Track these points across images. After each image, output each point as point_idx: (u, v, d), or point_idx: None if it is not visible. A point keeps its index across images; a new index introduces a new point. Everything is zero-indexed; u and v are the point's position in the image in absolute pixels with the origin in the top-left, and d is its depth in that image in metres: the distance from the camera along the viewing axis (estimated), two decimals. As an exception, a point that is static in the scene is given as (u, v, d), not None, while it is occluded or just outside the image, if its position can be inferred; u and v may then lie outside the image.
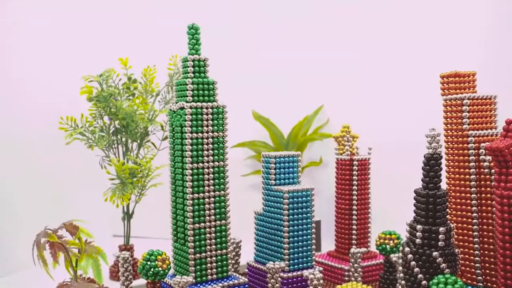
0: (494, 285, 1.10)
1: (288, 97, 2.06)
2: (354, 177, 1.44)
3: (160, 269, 1.12)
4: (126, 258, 1.21)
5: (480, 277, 1.13)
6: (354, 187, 1.44)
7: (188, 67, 1.20)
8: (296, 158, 1.35)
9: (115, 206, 1.50)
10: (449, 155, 1.17)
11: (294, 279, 1.25)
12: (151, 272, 1.11)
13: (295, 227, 1.27)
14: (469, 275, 1.15)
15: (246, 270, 1.40)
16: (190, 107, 1.16)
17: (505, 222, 0.95)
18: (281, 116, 2.01)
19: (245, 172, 2.03)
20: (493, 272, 1.12)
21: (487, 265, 1.13)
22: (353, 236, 1.45)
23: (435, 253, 1.02)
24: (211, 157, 1.19)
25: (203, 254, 1.18)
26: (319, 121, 2.04)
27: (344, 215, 1.46)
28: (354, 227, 1.45)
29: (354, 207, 1.44)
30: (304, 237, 1.29)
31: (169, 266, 1.14)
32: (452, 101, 1.17)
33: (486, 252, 1.13)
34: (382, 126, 1.93)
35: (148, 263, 1.12)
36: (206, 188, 1.18)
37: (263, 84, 2.08)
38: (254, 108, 2.03)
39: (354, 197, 1.44)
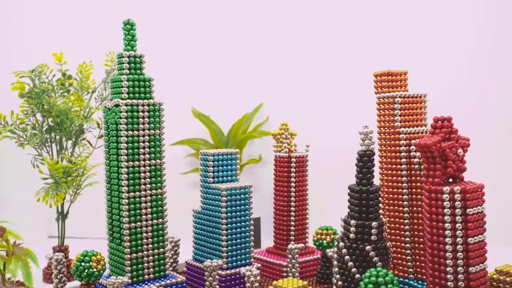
0: (424, 277, 1.15)
1: (228, 95, 2.06)
2: (292, 174, 1.46)
3: (94, 270, 1.09)
4: (59, 259, 1.17)
5: (411, 269, 1.18)
6: (292, 184, 1.46)
7: (124, 63, 1.17)
8: (234, 155, 1.35)
9: (49, 206, 1.45)
10: (382, 152, 1.21)
11: (232, 277, 1.26)
12: (85, 273, 1.09)
13: (233, 225, 1.27)
14: (400, 267, 1.19)
15: (185, 269, 1.39)
16: (126, 104, 1.14)
17: (433, 216, 0.99)
18: (221, 114, 2.01)
19: (184, 170, 2.02)
20: (423, 264, 1.16)
21: (417, 257, 1.17)
22: (291, 232, 1.46)
23: (368, 247, 1.04)
24: (147, 155, 1.17)
25: (140, 253, 1.16)
26: (259, 119, 2.05)
27: (283, 212, 1.47)
28: (292, 223, 1.46)
29: (292, 203, 1.46)
30: (242, 234, 1.29)
31: (104, 267, 1.12)
32: (384, 99, 1.21)
33: (417, 245, 1.17)
34: (319, 124, 1.97)
35: (82, 264, 1.09)
36: (143, 186, 1.16)
37: (203, 82, 2.07)
38: (193, 106, 2.01)
39: (292, 193, 1.46)
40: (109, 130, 1.18)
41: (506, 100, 1.86)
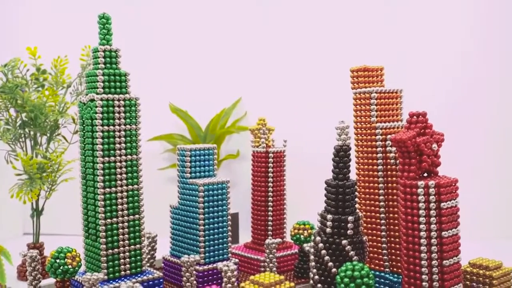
0: (399, 270, 1.16)
1: (206, 90, 2.05)
2: (270, 169, 1.46)
3: (69, 266, 1.08)
4: (34, 256, 1.16)
5: (387, 263, 1.19)
6: (270, 179, 1.46)
7: (99, 57, 1.16)
8: (211, 151, 1.34)
9: (22, 203, 1.43)
10: (358, 147, 1.22)
11: (210, 272, 1.26)
12: (59, 270, 1.07)
13: (211, 220, 1.27)
14: (376, 261, 1.20)
15: (162, 265, 1.38)
16: (101, 99, 1.13)
17: (408, 210, 1.00)
18: (199, 109, 2.00)
19: (162, 166, 2.00)
20: (398, 258, 1.17)
21: (393, 251, 1.18)
22: (269, 227, 1.47)
23: (344, 241, 1.05)
24: (123, 151, 1.16)
25: (116, 249, 1.15)
26: (237, 114, 2.05)
27: (260, 207, 1.47)
28: (270, 218, 1.47)
29: (270, 198, 1.46)
30: (220, 229, 1.29)
31: (79, 264, 1.11)
32: (361, 94, 1.21)
33: (393, 239, 1.18)
34: (297, 119, 1.97)
35: (57, 261, 1.08)
36: (119, 182, 1.15)
37: (181, 77, 2.06)
38: (171, 101, 2.00)
39: (270, 189, 1.46)
40: (84, 125, 1.17)
41: (480, 96, 1.89)
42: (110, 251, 1.14)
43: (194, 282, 1.17)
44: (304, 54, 2.01)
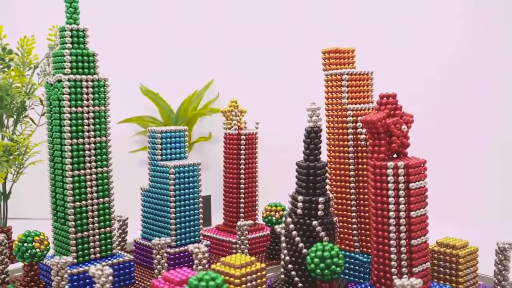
0: (369, 250, 1.17)
1: (178, 72, 2.03)
2: (242, 151, 1.46)
3: (37, 250, 1.06)
4: (1, 240, 1.14)
5: (357, 243, 1.20)
6: (242, 161, 1.46)
7: (66, 37, 1.13)
8: (182, 133, 1.33)
9: (-11, 186, 1.40)
10: (329, 128, 1.22)
11: (181, 254, 1.25)
12: (27, 254, 1.06)
13: (182, 202, 1.26)
14: (347, 241, 1.22)
15: (134, 248, 1.37)
16: (68, 80, 1.10)
17: (378, 190, 1.01)
18: (171, 91, 1.98)
19: (133, 149, 1.98)
20: (368, 238, 1.18)
21: (363, 231, 1.19)
22: (241, 209, 1.47)
23: (314, 222, 1.06)
24: (92, 132, 1.14)
25: (85, 233, 1.13)
26: (210, 96, 2.03)
27: (232, 189, 1.47)
28: (242, 200, 1.47)
29: (242, 181, 1.46)
30: (191, 212, 1.28)
31: (48, 247, 1.09)
32: (332, 76, 1.21)
33: (363, 220, 1.19)
34: (269, 101, 1.97)
35: (25, 244, 1.06)
36: (88, 164, 1.13)
37: (152, 58, 2.03)
38: (142, 83, 1.97)
39: (242, 171, 1.46)
40: (51, 106, 1.14)
41: (450, 77, 1.92)
42: (80, 234, 1.13)
43: (165, 264, 1.17)
44: (275, 36, 2.00)
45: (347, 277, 1.19)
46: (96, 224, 1.15)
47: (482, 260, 1.13)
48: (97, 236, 1.15)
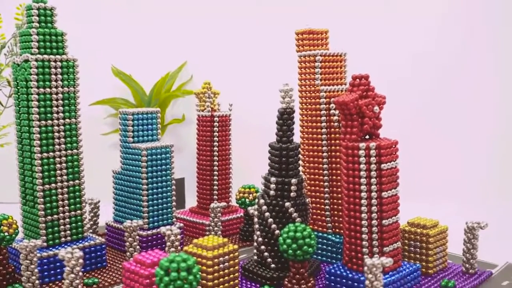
0: (341, 231, 1.18)
1: (150, 53, 2.00)
2: (215, 133, 1.45)
3: (6, 234, 1.04)
4: (-32, 224, 1.11)
5: (329, 224, 1.21)
6: (215, 143, 1.45)
7: (33, 16, 1.10)
8: (155, 114, 1.32)
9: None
10: (303, 110, 1.22)
11: (154, 237, 1.24)
12: (-5, 238, 1.03)
13: (154, 185, 1.25)
14: (320, 222, 1.22)
15: (106, 231, 1.36)
16: (36, 60, 1.07)
17: (350, 171, 1.01)
18: (143, 73, 1.95)
19: (105, 131, 1.95)
20: (341, 219, 1.19)
21: (336, 212, 1.20)
22: (214, 192, 1.46)
23: (287, 204, 1.06)
24: (61, 114, 1.11)
25: (55, 216, 1.11)
26: (183, 78, 2.01)
27: (206, 171, 1.46)
28: (216, 182, 1.46)
29: (215, 163, 1.45)
30: (164, 194, 1.27)
31: (16, 231, 1.07)
32: (306, 57, 1.21)
33: (335, 201, 1.20)
34: (242, 82, 1.95)
35: (-8, 228, 1.04)
36: (57, 147, 1.11)
37: (124, 39, 1.99)
38: (113, 64, 1.94)
39: (215, 153, 1.45)
40: (19, 87, 1.11)
41: (422, 59, 1.93)
42: (49, 217, 1.11)
43: (138, 247, 1.16)
44: (249, 17, 1.98)
45: (319, 257, 1.20)
46: (66, 207, 1.13)
47: (451, 240, 1.16)
48: (67, 219, 1.14)
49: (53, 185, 1.11)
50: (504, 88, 1.89)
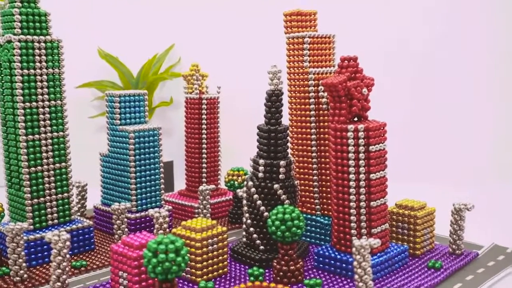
0: (330, 213, 1.18)
1: (138, 35, 1.97)
2: (204, 116, 1.44)
3: (-9, 217, 1.03)
4: (-47, 208, 1.10)
5: (318, 206, 1.21)
6: (204, 126, 1.44)
7: (16, -5, 1.07)
8: (142, 97, 1.30)
9: None
10: (291, 92, 1.21)
11: (142, 220, 1.24)
12: (-19, 221, 1.02)
13: (142, 167, 1.24)
14: (308, 205, 1.22)
15: (94, 214, 1.35)
16: (19, 41, 1.05)
17: (338, 153, 1.01)
18: (130, 55, 1.92)
19: (93, 114, 1.93)
20: (329, 201, 1.19)
21: (324, 195, 1.20)
22: (203, 175, 1.46)
23: (275, 186, 1.06)
24: (46, 96, 1.10)
25: (42, 199, 1.10)
26: (171, 60, 1.99)
27: (194, 154, 1.46)
28: (204, 165, 1.46)
29: (204, 145, 1.45)
30: (152, 177, 1.27)
31: (2, 214, 1.06)
32: (294, 39, 1.20)
33: (324, 183, 1.20)
34: (230, 65, 1.94)
35: (-22, 211, 1.03)
36: (42, 129, 1.10)
37: (111, 20, 1.96)
38: (100, 46, 1.91)
39: (204, 135, 1.45)
40: (2, 69, 1.09)
41: (411, 41, 1.93)
42: (36, 200, 1.10)
43: (126, 230, 1.15)
44: (238, -1, 1.96)
45: (308, 239, 1.21)
46: (53, 190, 1.12)
47: (438, 221, 1.16)
48: (54, 202, 1.13)
49: (39, 167, 1.10)
50: (494, 68, 1.90)
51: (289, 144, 1.14)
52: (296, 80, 1.20)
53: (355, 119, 1.05)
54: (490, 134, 1.90)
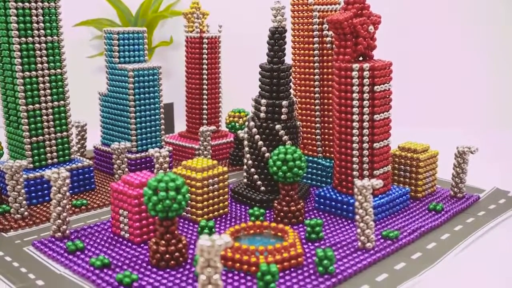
0: (332, 155, 1.17)
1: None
2: (204, 56, 1.41)
3: (-10, 155, 1.02)
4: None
5: (320, 148, 1.20)
6: (204, 66, 1.41)
7: None
8: (141, 34, 1.27)
9: None
10: (295, 30, 1.17)
11: (142, 160, 1.23)
12: (-21, 158, 1.01)
13: (142, 107, 1.22)
14: (310, 147, 1.21)
15: (94, 154, 1.34)
16: (13, -28, 1.01)
17: (342, 93, 0.99)
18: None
19: (91, 54, 1.89)
20: (331, 143, 1.18)
21: (326, 137, 1.19)
22: (204, 116, 1.44)
23: (277, 126, 1.04)
24: (42, 31, 1.06)
25: (41, 137, 1.09)
26: (171, -1, 1.93)
27: (195, 95, 1.43)
28: (205, 106, 1.43)
29: (205, 86, 1.42)
30: (152, 117, 1.25)
31: (1, 152, 1.05)
32: (299, -26, 1.15)
33: (326, 125, 1.18)
34: (232, 2, 1.88)
35: (-24, 149, 1.02)
36: (39, 65, 1.07)
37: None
38: (98, -17, 1.85)
39: (205, 76, 1.42)
40: (-5, 3, 1.05)
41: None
42: (35, 138, 1.08)
43: (126, 170, 1.15)
44: None
45: (309, 181, 1.20)
46: (52, 129, 1.11)
47: (441, 165, 1.15)
48: (53, 141, 1.11)
49: (37, 105, 1.08)
50: (499, 12, 1.84)
51: (291, 84, 1.11)
52: (300, 18, 1.16)
53: (360, 58, 1.02)
54: (496, 77, 1.86)
